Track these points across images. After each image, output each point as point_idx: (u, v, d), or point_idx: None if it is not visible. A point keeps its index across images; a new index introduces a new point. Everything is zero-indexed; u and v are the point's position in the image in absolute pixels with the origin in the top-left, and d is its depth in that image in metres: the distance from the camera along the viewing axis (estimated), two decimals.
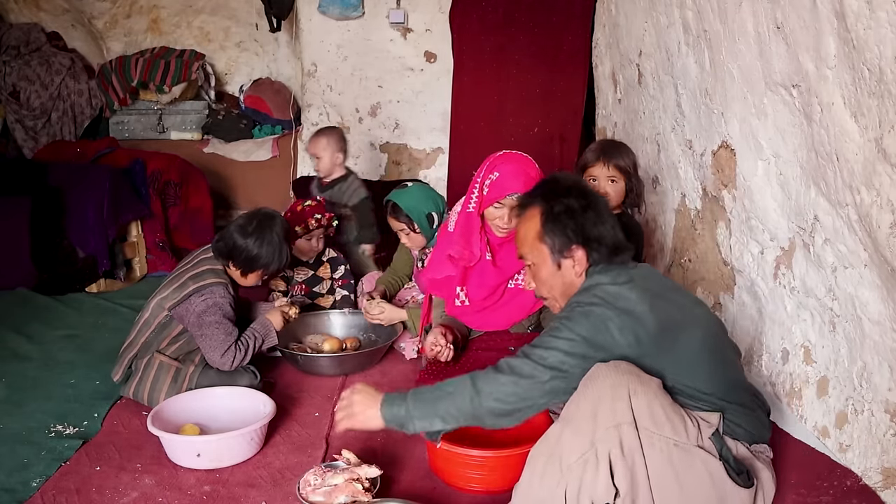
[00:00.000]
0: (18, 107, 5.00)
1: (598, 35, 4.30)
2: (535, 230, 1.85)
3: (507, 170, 2.42)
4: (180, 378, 2.43)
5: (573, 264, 1.82)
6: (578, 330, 1.67)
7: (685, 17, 2.77)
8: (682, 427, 1.62)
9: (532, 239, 1.85)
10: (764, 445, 1.80)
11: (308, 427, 2.33)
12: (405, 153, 5.02)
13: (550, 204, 1.83)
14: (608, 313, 1.67)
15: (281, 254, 2.56)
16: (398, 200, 2.84)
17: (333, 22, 4.79)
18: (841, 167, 1.83)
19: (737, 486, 1.63)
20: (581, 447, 1.59)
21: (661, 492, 1.60)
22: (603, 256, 1.80)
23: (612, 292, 1.71)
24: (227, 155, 5.00)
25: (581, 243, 1.80)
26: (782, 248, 2.25)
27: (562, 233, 1.81)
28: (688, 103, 2.84)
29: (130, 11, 5.49)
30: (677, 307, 1.76)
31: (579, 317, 1.69)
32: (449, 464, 1.97)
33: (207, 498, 1.92)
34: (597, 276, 1.78)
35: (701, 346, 1.73)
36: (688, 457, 1.61)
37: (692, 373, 1.70)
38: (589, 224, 1.80)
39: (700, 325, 1.77)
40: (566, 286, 1.84)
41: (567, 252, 1.81)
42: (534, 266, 1.88)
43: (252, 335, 2.50)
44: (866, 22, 1.60)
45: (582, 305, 1.71)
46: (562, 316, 1.75)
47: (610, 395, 1.60)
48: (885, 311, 1.81)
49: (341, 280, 3.22)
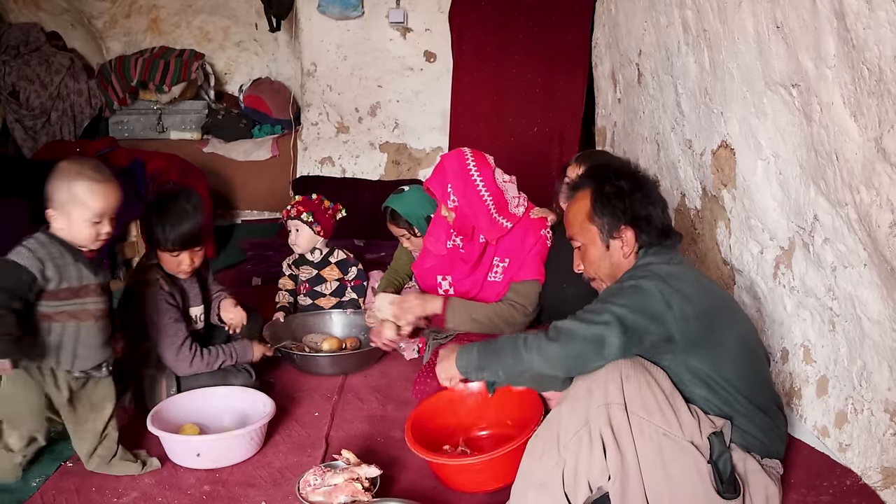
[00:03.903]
0: (18, 106, 5.00)
1: (597, 34, 4.29)
2: (584, 211, 1.87)
3: (435, 168, 2.58)
4: (157, 388, 2.36)
5: (621, 245, 1.84)
6: (627, 301, 1.68)
7: (685, 16, 2.77)
8: (675, 419, 1.63)
9: (582, 220, 1.88)
10: (776, 461, 1.79)
11: (308, 427, 2.33)
12: (405, 153, 5.02)
13: (601, 185, 1.86)
14: (660, 286, 1.68)
15: (186, 217, 2.33)
16: (396, 206, 2.84)
17: (333, 22, 4.79)
18: (840, 167, 1.83)
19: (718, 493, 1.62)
20: (577, 424, 1.63)
21: (650, 480, 1.61)
22: (652, 237, 1.82)
23: (664, 270, 1.74)
24: (227, 155, 4.99)
25: (630, 223, 1.82)
26: (782, 248, 2.25)
27: (611, 213, 1.83)
28: (687, 103, 2.84)
29: (130, 11, 5.48)
30: (721, 298, 1.80)
31: (629, 289, 1.71)
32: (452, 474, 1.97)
33: (207, 498, 1.93)
34: (648, 258, 1.81)
35: (743, 340, 1.77)
36: (678, 450, 1.62)
37: (729, 365, 1.72)
38: (638, 204, 1.82)
39: (741, 320, 1.83)
40: (613, 267, 1.86)
41: (616, 233, 1.83)
42: (583, 247, 1.91)
43: (228, 350, 2.44)
44: (866, 21, 1.60)
45: (635, 278, 1.73)
46: (611, 290, 1.78)
47: (605, 377, 1.66)
48: (885, 311, 1.81)
49: (353, 281, 3.21)
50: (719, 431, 1.66)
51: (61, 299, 1.86)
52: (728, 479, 1.62)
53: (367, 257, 3.80)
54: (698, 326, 1.68)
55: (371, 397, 2.55)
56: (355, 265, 3.21)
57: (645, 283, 1.70)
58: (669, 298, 1.67)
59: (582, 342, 1.67)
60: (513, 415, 2.11)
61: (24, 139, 5.01)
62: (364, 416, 2.41)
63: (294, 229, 3.09)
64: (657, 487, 1.61)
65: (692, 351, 1.69)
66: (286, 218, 3.10)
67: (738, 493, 1.63)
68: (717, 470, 1.62)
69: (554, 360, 1.71)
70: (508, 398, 2.12)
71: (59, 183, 1.86)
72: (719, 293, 1.83)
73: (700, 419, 1.67)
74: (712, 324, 1.70)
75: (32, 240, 1.86)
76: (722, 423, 1.68)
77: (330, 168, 5.05)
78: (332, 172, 5.04)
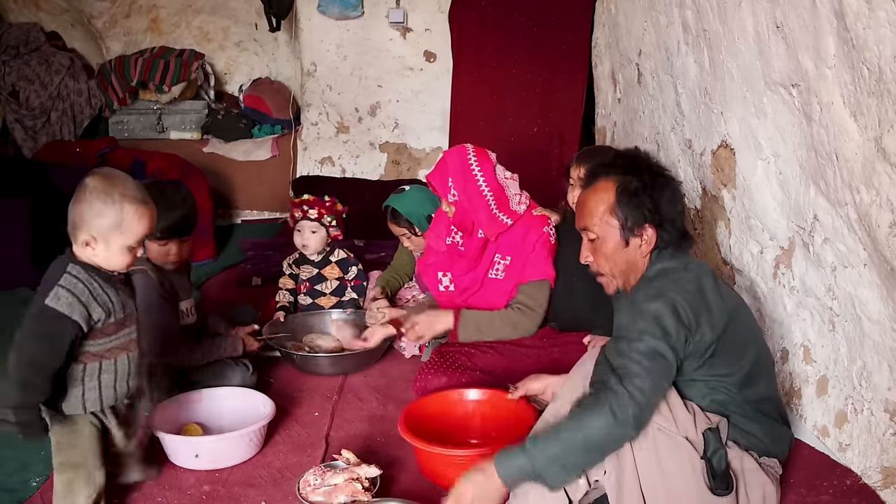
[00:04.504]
0: (18, 106, 5.00)
1: (597, 34, 4.29)
2: (607, 203, 1.76)
3: (437, 163, 2.59)
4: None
5: (641, 243, 1.75)
6: (646, 364, 1.59)
7: (685, 16, 2.77)
8: (670, 414, 1.63)
9: (602, 212, 1.77)
10: (774, 461, 1.78)
11: (307, 427, 2.33)
12: (405, 153, 5.02)
13: (629, 178, 1.75)
14: (683, 307, 1.63)
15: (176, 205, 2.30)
16: (397, 206, 2.84)
17: (333, 21, 4.79)
18: (840, 166, 1.83)
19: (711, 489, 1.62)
20: None
21: (645, 474, 1.61)
22: (673, 239, 1.75)
23: (684, 280, 1.68)
24: (227, 154, 4.99)
25: (655, 223, 1.74)
26: (782, 248, 2.25)
27: (637, 209, 1.73)
28: (687, 103, 2.84)
29: (130, 11, 5.48)
30: (736, 308, 1.76)
31: (649, 348, 1.60)
32: (438, 466, 1.97)
33: (207, 498, 1.93)
34: (666, 262, 1.74)
35: (754, 352, 1.74)
36: (672, 445, 1.62)
37: (737, 373, 1.71)
38: (666, 204, 1.74)
39: (754, 329, 1.80)
40: (629, 264, 1.78)
41: (638, 230, 1.74)
42: (597, 240, 1.80)
43: (218, 344, 2.46)
44: (866, 21, 1.60)
45: (653, 299, 1.64)
46: (626, 328, 1.67)
47: (598, 371, 1.66)
48: (885, 311, 1.81)
49: (353, 281, 3.21)
50: (715, 427, 1.65)
51: (109, 335, 1.67)
52: (721, 475, 1.62)
53: (367, 257, 3.80)
54: (714, 340, 1.66)
55: (371, 397, 2.55)
56: (355, 265, 3.21)
57: (664, 311, 1.61)
58: (690, 323, 1.62)
59: (606, 436, 1.58)
60: (505, 428, 2.08)
61: (24, 139, 5.01)
62: (364, 416, 2.41)
63: (309, 231, 3.05)
64: (652, 482, 1.61)
65: (702, 362, 1.69)
66: (301, 219, 3.06)
67: (730, 490, 1.62)
68: (710, 466, 1.62)
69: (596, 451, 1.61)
70: (502, 411, 2.12)
71: (99, 206, 1.61)
72: (734, 301, 1.78)
73: (696, 415, 1.67)
74: (728, 337, 1.68)
75: (71, 277, 1.61)
76: (718, 420, 1.68)
77: (330, 168, 5.05)
78: (332, 172, 5.04)
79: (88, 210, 1.61)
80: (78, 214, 1.62)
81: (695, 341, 1.64)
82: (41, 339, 1.58)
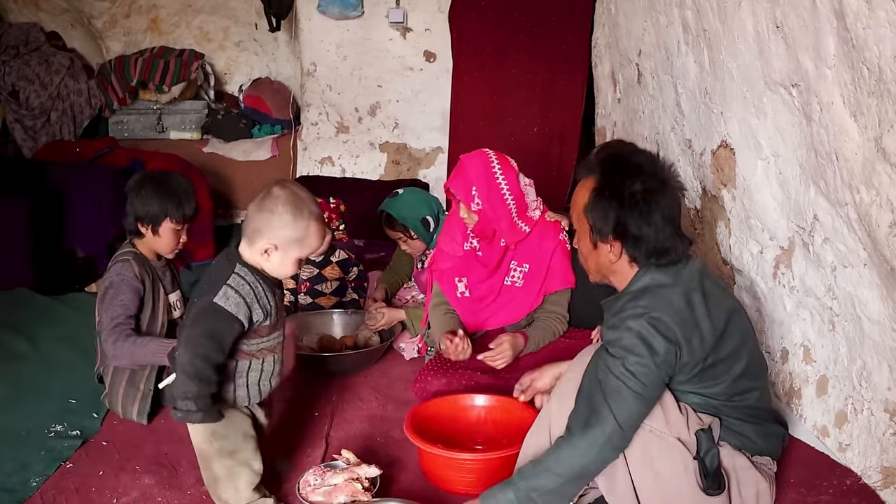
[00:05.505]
0: (17, 106, 5.00)
1: (597, 34, 4.29)
2: (582, 203, 1.74)
3: (455, 169, 2.51)
4: (137, 380, 2.30)
5: (609, 250, 1.73)
6: (645, 339, 1.59)
7: (685, 16, 2.77)
8: (662, 416, 1.63)
9: (579, 209, 1.76)
10: (767, 458, 1.77)
11: (308, 427, 2.33)
12: (405, 153, 5.02)
13: (605, 181, 1.70)
14: (670, 335, 1.60)
15: (177, 196, 2.32)
16: (391, 210, 2.83)
17: (333, 21, 4.79)
18: (840, 166, 1.83)
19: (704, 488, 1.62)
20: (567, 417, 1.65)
21: (638, 475, 1.62)
22: (640, 257, 1.69)
23: (673, 293, 1.64)
24: (227, 154, 5.00)
25: (618, 238, 1.70)
26: (782, 248, 2.25)
27: (601, 219, 1.69)
28: (687, 103, 2.84)
29: (130, 11, 5.48)
30: (726, 306, 1.72)
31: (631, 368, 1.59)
32: (440, 468, 1.97)
33: (207, 497, 1.92)
34: (655, 273, 1.69)
35: (746, 363, 1.71)
36: (664, 446, 1.62)
37: (728, 383, 1.69)
38: (631, 222, 1.66)
39: (748, 338, 1.76)
40: (601, 266, 1.78)
41: (604, 239, 1.72)
42: (577, 233, 1.82)
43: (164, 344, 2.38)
44: (865, 21, 1.60)
45: (636, 332, 1.60)
46: (612, 342, 1.65)
47: (586, 379, 1.66)
48: (885, 311, 1.81)
49: (354, 282, 3.20)
50: (707, 428, 1.65)
51: (262, 336, 1.76)
52: (712, 474, 1.61)
53: (367, 257, 3.81)
54: (702, 358, 1.64)
55: (371, 397, 2.55)
56: (356, 265, 3.21)
57: (651, 331, 1.59)
58: (678, 340, 1.60)
59: (591, 461, 1.59)
60: (511, 435, 2.05)
61: (23, 139, 5.01)
62: (364, 416, 2.41)
63: None
64: (645, 483, 1.62)
65: (690, 377, 1.68)
66: None
67: (721, 489, 1.62)
68: (703, 466, 1.62)
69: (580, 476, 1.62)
70: (511, 417, 2.12)
71: (289, 219, 1.68)
72: (727, 310, 1.72)
73: (689, 416, 1.67)
74: (717, 353, 1.66)
75: (239, 278, 1.69)
76: (710, 420, 1.68)
77: (330, 168, 5.05)
78: (332, 172, 5.04)
79: (278, 220, 1.68)
80: (265, 222, 1.69)
81: (683, 358, 1.62)
82: (211, 337, 1.66)
